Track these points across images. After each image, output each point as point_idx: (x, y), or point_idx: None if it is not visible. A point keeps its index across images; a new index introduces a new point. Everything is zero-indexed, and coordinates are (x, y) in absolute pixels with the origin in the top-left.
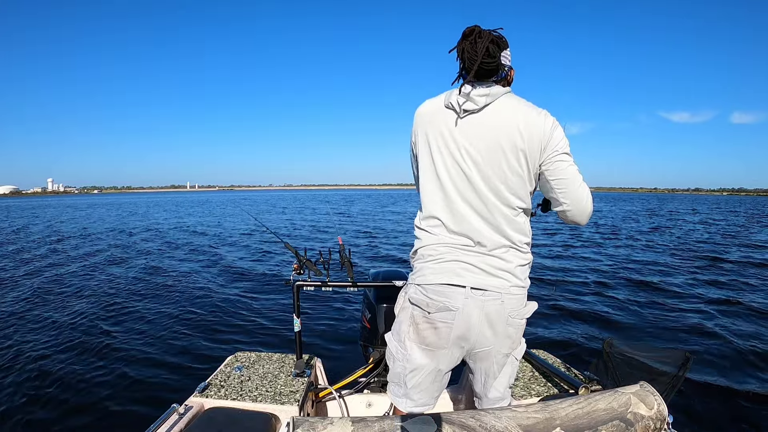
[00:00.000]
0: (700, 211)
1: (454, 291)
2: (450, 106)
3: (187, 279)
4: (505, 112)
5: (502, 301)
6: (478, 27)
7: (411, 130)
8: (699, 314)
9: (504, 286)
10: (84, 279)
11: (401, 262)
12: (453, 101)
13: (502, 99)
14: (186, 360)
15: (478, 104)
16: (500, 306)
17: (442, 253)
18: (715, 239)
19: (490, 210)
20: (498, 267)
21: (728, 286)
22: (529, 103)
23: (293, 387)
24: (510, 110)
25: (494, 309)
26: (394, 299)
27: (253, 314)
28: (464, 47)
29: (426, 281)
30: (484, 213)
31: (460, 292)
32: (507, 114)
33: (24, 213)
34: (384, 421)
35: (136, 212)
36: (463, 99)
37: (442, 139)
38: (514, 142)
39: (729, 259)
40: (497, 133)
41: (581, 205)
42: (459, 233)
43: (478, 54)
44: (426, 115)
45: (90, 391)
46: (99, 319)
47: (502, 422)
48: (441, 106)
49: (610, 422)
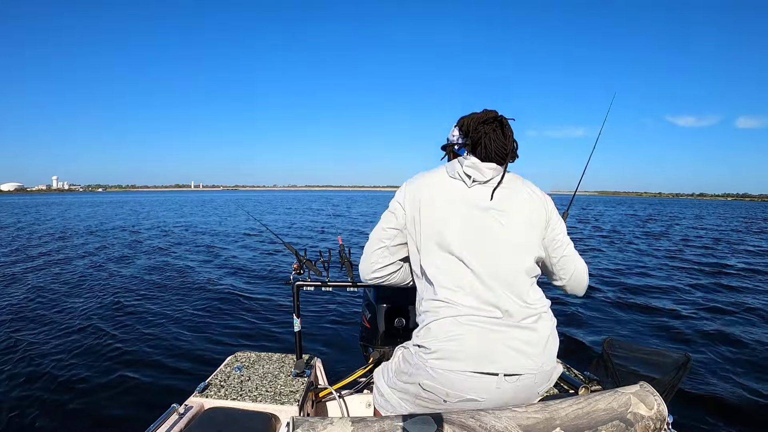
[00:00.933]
0: (703, 215)
1: (484, 380)
2: (458, 176)
3: (187, 279)
4: (513, 184)
5: (535, 381)
6: (499, 115)
7: (398, 199)
8: (699, 315)
9: (539, 366)
10: (84, 278)
11: None
12: (460, 172)
13: (507, 174)
14: (186, 360)
15: (486, 176)
16: (533, 384)
17: (465, 329)
18: (711, 244)
19: (514, 277)
20: (531, 342)
21: (728, 287)
22: (528, 181)
23: (293, 387)
24: (518, 183)
25: (525, 388)
26: (394, 299)
27: (253, 314)
28: (487, 133)
29: (445, 367)
30: (509, 280)
31: (492, 381)
32: (516, 187)
33: (29, 210)
34: (384, 421)
35: (139, 210)
36: (471, 170)
37: (454, 206)
38: (528, 213)
39: (728, 264)
40: (510, 202)
41: (579, 280)
42: (485, 303)
43: (508, 146)
44: (428, 186)
45: (90, 391)
46: (99, 319)
47: (502, 422)
48: (444, 177)
49: (610, 422)
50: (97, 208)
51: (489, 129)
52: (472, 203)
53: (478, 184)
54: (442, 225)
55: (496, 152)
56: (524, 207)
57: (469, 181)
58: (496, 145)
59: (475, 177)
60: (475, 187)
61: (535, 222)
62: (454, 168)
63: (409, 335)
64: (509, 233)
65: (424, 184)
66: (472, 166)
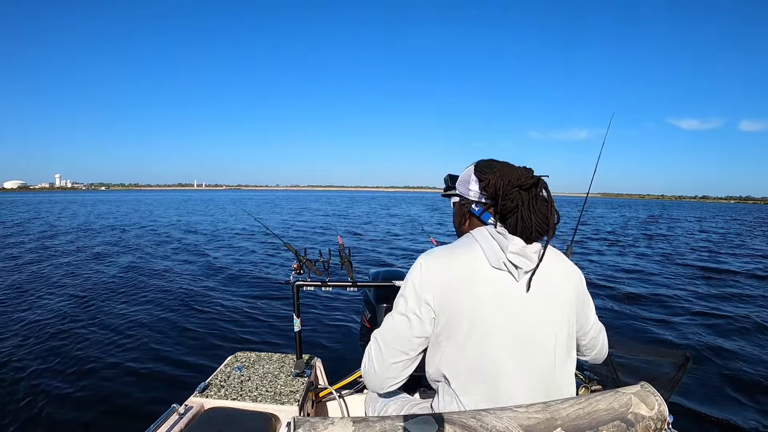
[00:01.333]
0: (704, 218)
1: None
2: (505, 267)
3: (187, 279)
4: (554, 263)
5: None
6: (535, 175)
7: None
8: (699, 314)
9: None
10: (84, 278)
11: (399, 262)
12: (506, 261)
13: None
14: (186, 360)
15: (533, 261)
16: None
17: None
18: (712, 246)
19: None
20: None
21: (728, 287)
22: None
23: (293, 387)
24: (557, 259)
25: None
26: (393, 299)
27: (253, 314)
28: (525, 202)
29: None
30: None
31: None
32: (556, 265)
33: (30, 208)
34: (385, 421)
35: (140, 209)
36: (520, 259)
37: (505, 312)
38: (566, 295)
39: (728, 264)
40: (555, 289)
41: (603, 353)
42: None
43: (551, 221)
44: (467, 284)
45: (90, 391)
46: (98, 319)
47: (503, 422)
48: (485, 267)
49: (611, 422)
50: (98, 206)
51: (527, 197)
52: (518, 299)
53: (524, 273)
54: (492, 338)
55: (536, 228)
56: (561, 289)
57: (518, 274)
58: (537, 219)
59: (525, 268)
60: (523, 278)
61: (572, 302)
62: (496, 254)
63: None
64: (551, 326)
65: (460, 278)
66: (520, 254)
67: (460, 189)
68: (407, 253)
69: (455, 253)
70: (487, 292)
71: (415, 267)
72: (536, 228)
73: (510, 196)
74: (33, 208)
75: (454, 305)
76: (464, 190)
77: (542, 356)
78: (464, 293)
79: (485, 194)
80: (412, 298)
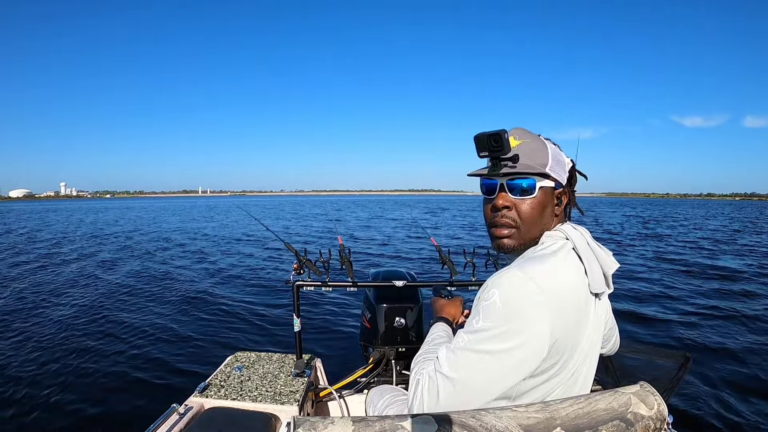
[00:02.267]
0: (709, 216)
1: None
2: (599, 290)
3: (187, 279)
4: None
5: None
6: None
7: (538, 333)
8: (698, 314)
9: None
10: (83, 278)
11: (399, 261)
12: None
13: None
14: (186, 360)
15: (618, 263)
16: None
17: None
18: (712, 245)
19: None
20: None
21: (728, 287)
22: None
23: (293, 387)
24: None
25: None
26: (394, 299)
27: (253, 314)
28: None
29: None
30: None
31: None
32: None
33: (35, 216)
34: (385, 421)
35: (145, 216)
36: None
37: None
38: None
39: (729, 264)
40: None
41: (616, 347)
42: None
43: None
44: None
45: (90, 391)
46: (98, 319)
47: (502, 422)
48: (585, 284)
49: (611, 422)
50: (113, 213)
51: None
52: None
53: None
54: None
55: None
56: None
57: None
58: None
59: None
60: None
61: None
62: (597, 279)
63: (409, 335)
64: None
65: (575, 307)
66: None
67: (557, 171)
68: (407, 252)
69: (568, 269)
70: (588, 324)
71: (515, 285)
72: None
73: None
74: (40, 216)
75: (564, 345)
76: (561, 173)
77: (587, 365)
78: (574, 329)
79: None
80: (520, 334)
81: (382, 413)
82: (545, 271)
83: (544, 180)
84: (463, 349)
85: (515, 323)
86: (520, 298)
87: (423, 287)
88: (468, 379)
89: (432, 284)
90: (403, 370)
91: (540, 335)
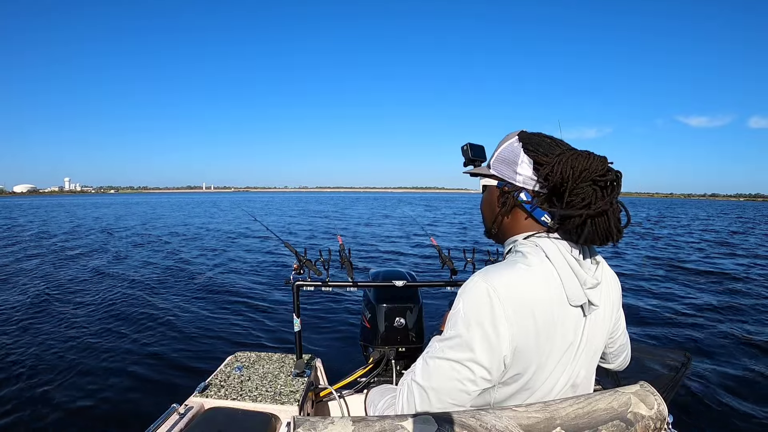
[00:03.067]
0: (711, 216)
1: None
2: (578, 303)
3: (187, 279)
4: (605, 271)
5: None
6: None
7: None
8: (698, 314)
9: None
10: (83, 278)
11: (398, 261)
12: (585, 304)
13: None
14: (186, 360)
15: (599, 280)
16: None
17: None
18: (714, 246)
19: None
20: None
21: (727, 287)
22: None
23: (293, 387)
24: (604, 265)
25: None
26: (394, 299)
27: (253, 314)
28: (599, 204)
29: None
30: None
31: None
32: (606, 273)
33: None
34: (384, 421)
35: (147, 211)
36: (594, 292)
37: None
38: (613, 307)
39: (729, 265)
40: (606, 305)
41: (626, 362)
42: None
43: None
44: (539, 313)
45: (90, 391)
46: (98, 318)
47: (502, 422)
48: (559, 296)
49: (611, 422)
50: (112, 208)
51: (602, 196)
52: (581, 331)
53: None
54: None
55: (604, 236)
56: (610, 303)
57: (589, 311)
58: (615, 224)
59: (594, 301)
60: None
61: (614, 312)
62: (575, 291)
63: (409, 335)
64: (595, 345)
65: (543, 320)
66: (595, 287)
67: (500, 169)
68: (407, 252)
69: (535, 279)
70: (564, 336)
71: (476, 295)
72: (604, 235)
73: (580, 192)
74: (46, 212)
75: (528, 356)
76: (508, 171)
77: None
78: (543, 339)
79: (542, 183)
80: (478, 340)
81: (383, 413)
82: (507, 279)
83: (487, 179)
84: (433, 358)
85: (474, 332)
86: (479, 307)
87: (423, 287)
88: (440, 388)
89: (432, 284)
90: (403, 370)
91: (497, 344)
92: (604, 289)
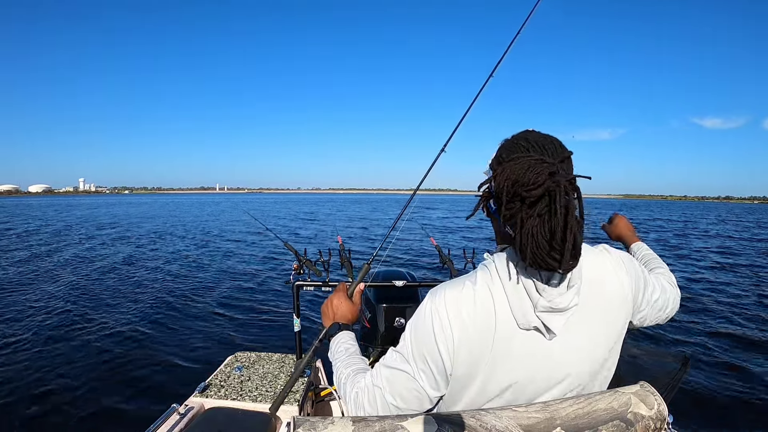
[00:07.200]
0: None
1: None
2: (532, 327)
3: (187, 279)
4: (599, 269)
5: None
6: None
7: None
8: (698, 315)
9: None
10: (83, 278)
11: (398, 262)
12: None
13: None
14: (186, 360)
15: (566, 304)
16: None
17: None
18: (716, 246)
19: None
20: None
21: (728, 287)
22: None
23: (293, 387)
24: (598, 260)
25: None
26: (393, 299)
27: (253, 314)
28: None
29: None
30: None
31: None
32: (601, 271)
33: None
34: (384, 421)
35: (154, 212)
36: (552, 318)
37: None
38: (618, 302)
39: (730, 264)
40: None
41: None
42: None
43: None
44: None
45: (90, 391)
46: (98, 318)
47: (502, 422)
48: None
49: (611, 422)
50: (127, 208)
51: (530, 215)
52: (555, 349)
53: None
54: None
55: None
56: (609, 301)
57: (549, 336)
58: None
59: (559, 324)
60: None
61: (622, 305)
62: (524, 313)
63: None
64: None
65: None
66: (554, 310)
67: (487, 174)
68: (407, 252)
69: (475, 298)
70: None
71: (421, 312)
72: (541, 262)
73: (512, 207)
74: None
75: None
76: (489, 177)
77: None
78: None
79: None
80: (425, 347)
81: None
82: (450, 296)
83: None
84: (388, 367)
85: (418, 347)
86: (423, 323)
87: (422, 287)
88: (399, 394)
89: (432, 284)
90: None
91: (438, 358)
92: (588, 309)
